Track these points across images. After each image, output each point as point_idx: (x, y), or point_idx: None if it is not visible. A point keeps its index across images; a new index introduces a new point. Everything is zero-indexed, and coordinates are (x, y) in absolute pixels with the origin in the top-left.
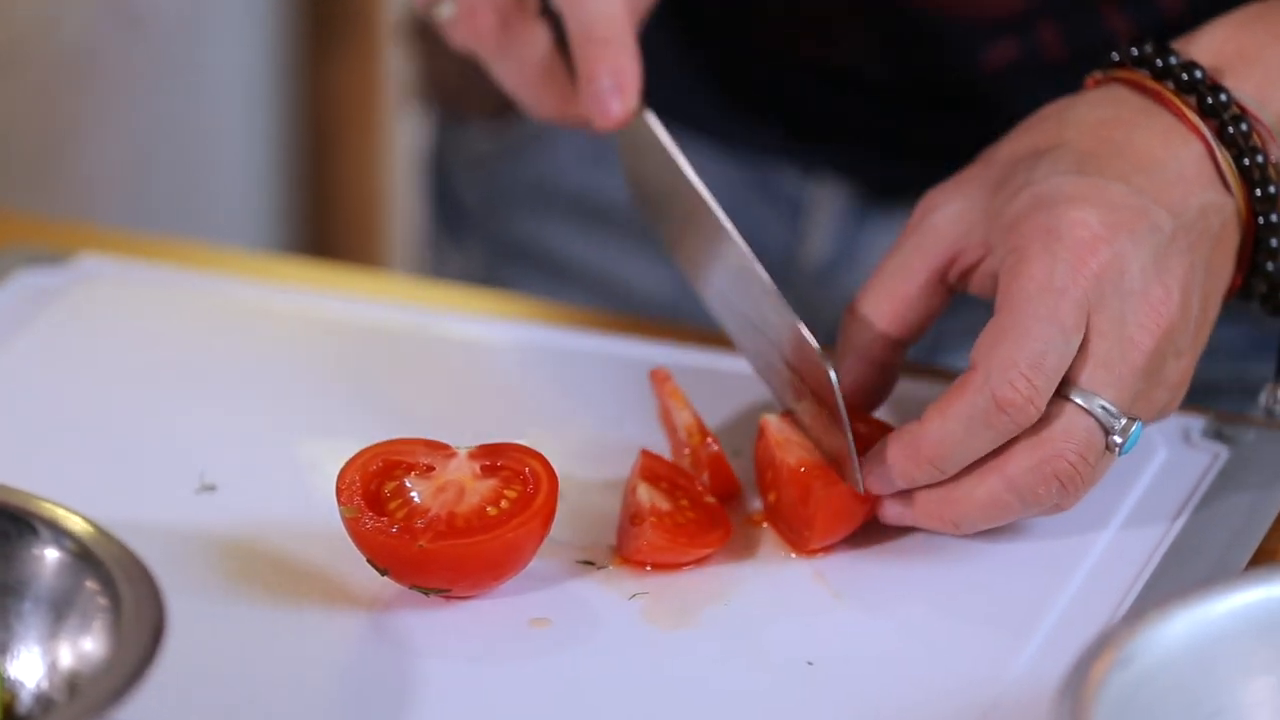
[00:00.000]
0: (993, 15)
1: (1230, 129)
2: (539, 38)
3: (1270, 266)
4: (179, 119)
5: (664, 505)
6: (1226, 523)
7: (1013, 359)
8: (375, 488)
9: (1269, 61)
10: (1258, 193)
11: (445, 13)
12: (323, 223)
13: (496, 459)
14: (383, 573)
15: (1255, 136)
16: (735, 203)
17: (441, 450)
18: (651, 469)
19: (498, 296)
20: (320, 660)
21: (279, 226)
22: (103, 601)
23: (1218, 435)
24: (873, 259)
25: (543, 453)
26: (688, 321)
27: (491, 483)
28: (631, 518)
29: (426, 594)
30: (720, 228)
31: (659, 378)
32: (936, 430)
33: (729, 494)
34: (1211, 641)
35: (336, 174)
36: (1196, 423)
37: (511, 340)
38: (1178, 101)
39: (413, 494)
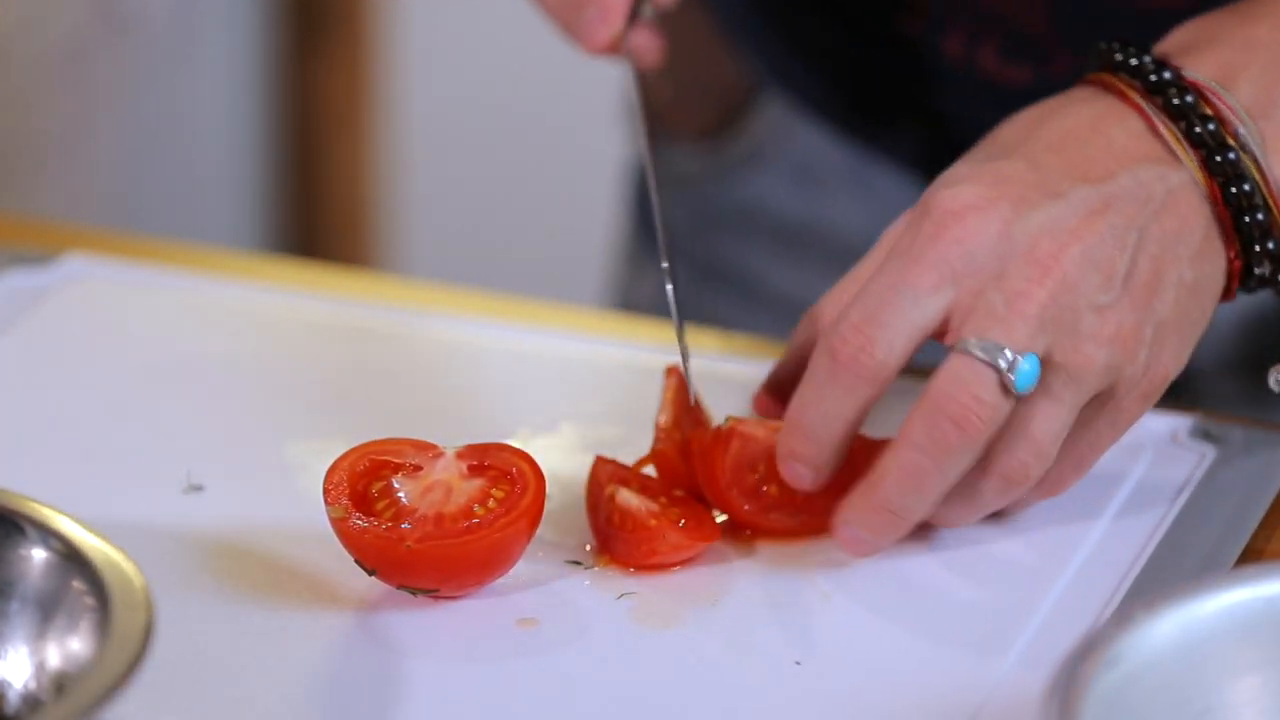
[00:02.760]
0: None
1: (1175, 101)
2: None
3: (1258, 244)
4: (165, 119)
5: (653, 505)
6: (1213, 522)
7: (845, 314)
8: (362, 488)
9: (1231, 41)
10: (1217, 159)
11: None
12: (309, 223)
13: (484, 459)
14: (370, 573)
15: (1205, 105)
16: (855, 189)
17: (429, 450)
18: (618, 475)
19: (484, 297)
20: (307, 660)
21: (266, 227)
22: (90, 601)
23: (1205, 435)
24: None
25: (530, 453)
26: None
27: (479, 483)
28: (626, 524)
29: (414, 594)
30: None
31: (666, 373)
32: (795, 402)
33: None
34: (1199, 641)
35: (323, 174)
36: (1184, 422)
37: (499, 340)
38: (1120, 85)
39: (400, 494)
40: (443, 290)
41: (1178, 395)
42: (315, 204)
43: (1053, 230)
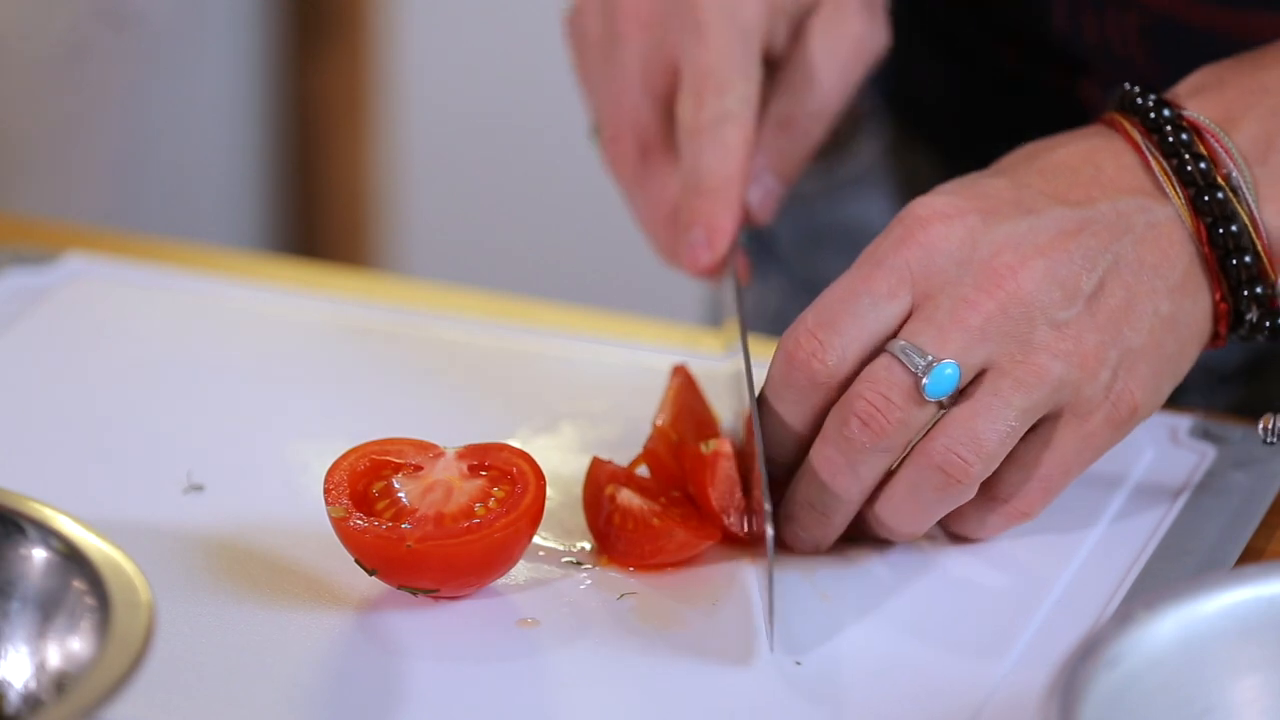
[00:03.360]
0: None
1: (1170, 139)
2: (672, 179)
3: (1246, 286)
4: (166, 118)
5: (655, 505)
6: (1214, 521)
7: (803, 318)
8: (363, 488)
9: (1239, 85)
10: (1205, 198)
11: (597, 134)
12: (310, 222)
13: (484, 459)
14: (370, 573)
15: (1201, 145)
16: None
17: (429, 450)
18: (615, 476)
19: (485, 297)
20: (308, 660)
21: (266, 226)
22: (90, 601)
23: (1205, 435)
24: None
25: (530, 453)
26: (681, 324)
27: (479, 482)
28: (628, 524)
29: (414, 594)
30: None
31: (673, 372)
32: (761, 401)
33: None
34: (1200, 640)
35: (324, 174)
36: (1184, 422)
37: (500, 341)
38: (1123, 121)
39: (400, 494)
40: (443, 290)
41: (1178, 395)
42: (315, 204)
43: (1019, 244)
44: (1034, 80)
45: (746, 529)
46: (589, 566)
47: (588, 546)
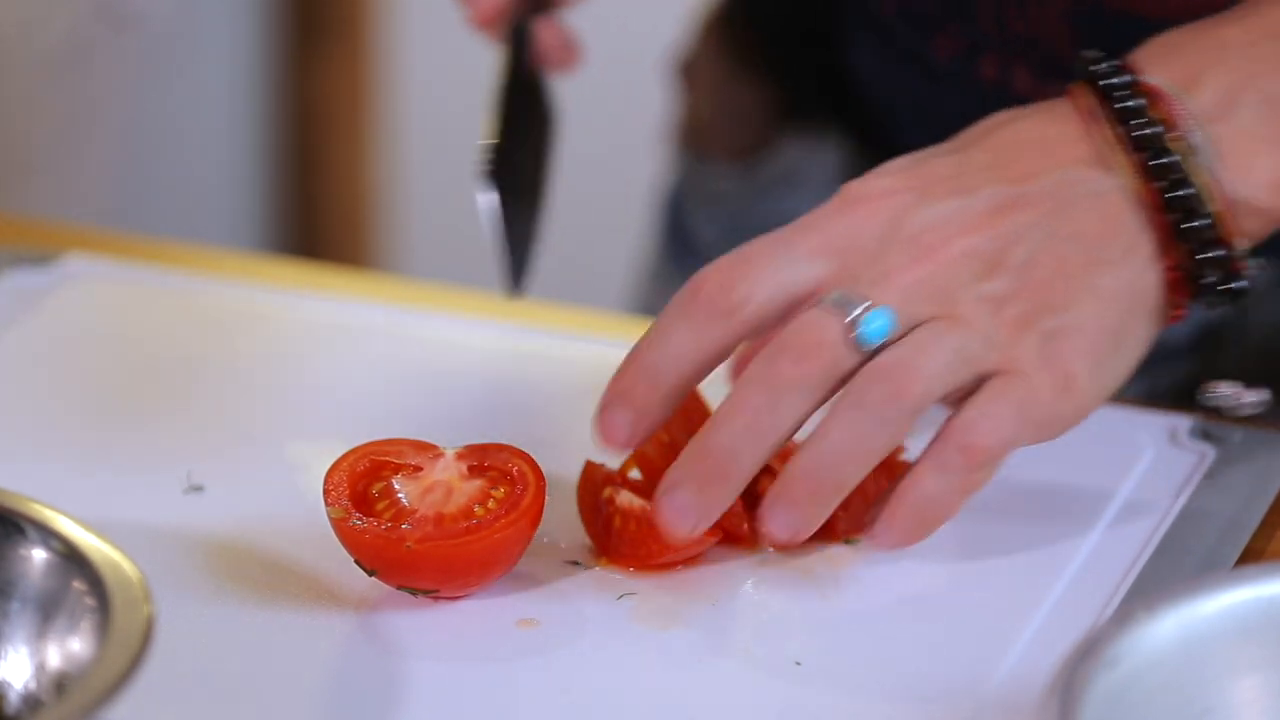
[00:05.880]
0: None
1: (1118, 105)
2: None
3: (1205, 250)
4: (166, 120)
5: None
6: (1214, 522)
7: (717, 260)
8: (362, 488)
9: (1200, 44)
10: (1157, 164)
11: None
12: (309, 223)
13: (484, 459)
14: (370, 573)
15: (1156, 110)
16: None
17: (429, 451)
18: (610, 479)
19: (486, 298)
20: (307, 661)
21: (266, 227)
22: (90, 602)
23: (1205, 435)
24: None
25: (530, 453)
26: None
27: (479, 483)
28: (630, 525)
29: (414, 594)
30: None
31: None
32: (640, 342)
33: None
34: (1199, 641)
35: (323, 175)
36: (1184, 423)
37: (499, 341)
38: (1078, 89)
39: (400, 495)
40: (443, 290)
41: (1179, 396)
42: (315, 204)
43: (945, 223)
44: (965, 72)
45: (746, 527)
46: (589, 566)
47: (588, 547)
